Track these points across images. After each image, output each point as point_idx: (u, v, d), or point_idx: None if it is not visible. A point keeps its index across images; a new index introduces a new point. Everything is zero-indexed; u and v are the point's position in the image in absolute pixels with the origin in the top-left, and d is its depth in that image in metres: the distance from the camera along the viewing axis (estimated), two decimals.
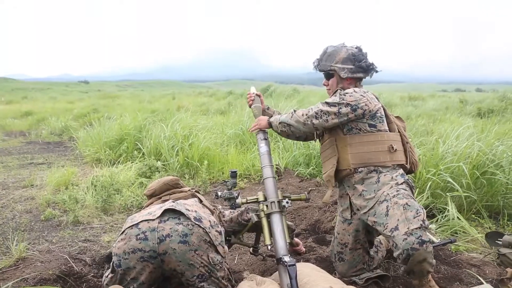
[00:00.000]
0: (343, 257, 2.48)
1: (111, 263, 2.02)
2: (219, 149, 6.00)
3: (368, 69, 2.41)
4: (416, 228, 2.01)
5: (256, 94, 2.94)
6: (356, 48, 2.44)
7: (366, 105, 2.26)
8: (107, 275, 2.07)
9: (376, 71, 2.45)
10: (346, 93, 2.29)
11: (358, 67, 2.39)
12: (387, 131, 2.34)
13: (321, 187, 4.62)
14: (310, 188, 2.73)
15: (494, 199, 3.67)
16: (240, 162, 5.52)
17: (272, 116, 2.79)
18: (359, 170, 2.30)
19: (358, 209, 2.33)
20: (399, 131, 2.40)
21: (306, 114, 2.36)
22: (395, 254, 2.06)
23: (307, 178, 5.02)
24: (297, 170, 5.22)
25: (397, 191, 2.21)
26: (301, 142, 5.82)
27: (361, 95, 2.28)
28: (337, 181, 2.44)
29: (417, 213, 2.07)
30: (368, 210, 2.24)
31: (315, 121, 2.33)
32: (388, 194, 2.20)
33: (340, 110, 2.26)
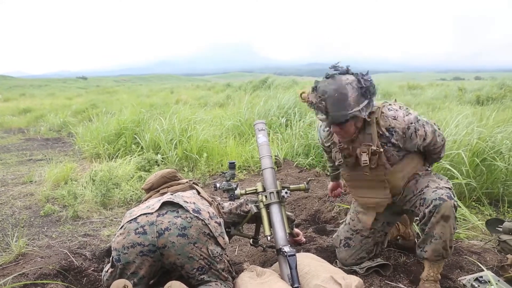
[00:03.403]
0: (350, 242, 2.47)
1: (111, 258, 2.01)
2: (217, 141, 5.98)
3: (376, 90, 2.09)
4: (446, 187, 2.10)
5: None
6: (351, 74, 2.05)
7: None
8: (107, 270, 2.06)
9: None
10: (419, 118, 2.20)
11: (372, 95, 2.05)
12: None
13: (320, 177, 4.60)
14: (309, 178, 2.71)
15: (494, 186, 3.66)
16: (239, 154, 5.51)
17: None
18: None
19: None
20: None
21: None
22: (422, 212, 2.09)
23: (307, 168, 5.01)
24: (296, 161, 5.21)
25: (426, 171, 2.30)
26: (301, 132, 5.80)
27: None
28: None
29: (447, 181, 2.19)
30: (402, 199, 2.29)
31: None
32: (418, 174, 2.27)
33: None
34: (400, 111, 2.14)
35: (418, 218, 2.15)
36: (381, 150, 2.12)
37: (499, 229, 2.76)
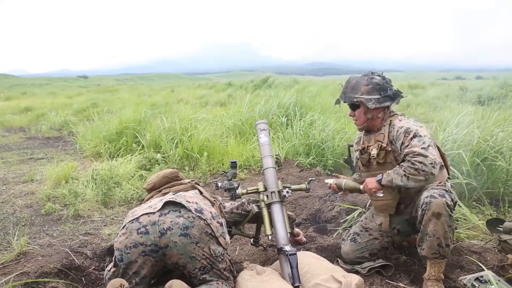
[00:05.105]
0: (357, 238, 2.51)
1: (114, 257, 2.02)
2: (218, 141, 5.98)
3: (395, 97, 2.39)
4: (440, 188, 2.14)
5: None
6: (379, 76, 2.42)
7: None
8: (109, 269, 2.07)
9: (402, 97, 2.44)
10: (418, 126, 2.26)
11: (385, 97, 2.35)
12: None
13: (321, 176, 4.61)
14: (310, 178, 2.71)
15: (495, 186, 3.65)
16: (240, 153, 5.51)
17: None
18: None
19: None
20: (436, 145, 2.32)
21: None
22: (419, 212, 2.15)
23: (307, 168, 5.01)
24: (297, 160, 5.21)
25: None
26: (301, 131, 5.80)
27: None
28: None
29: (445, 184, 2.22)
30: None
31: None
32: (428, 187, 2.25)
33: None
34: (411, 122, 2.31)
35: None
36: (389, 148, 2.32)
37: (499, 228, 2.75)
